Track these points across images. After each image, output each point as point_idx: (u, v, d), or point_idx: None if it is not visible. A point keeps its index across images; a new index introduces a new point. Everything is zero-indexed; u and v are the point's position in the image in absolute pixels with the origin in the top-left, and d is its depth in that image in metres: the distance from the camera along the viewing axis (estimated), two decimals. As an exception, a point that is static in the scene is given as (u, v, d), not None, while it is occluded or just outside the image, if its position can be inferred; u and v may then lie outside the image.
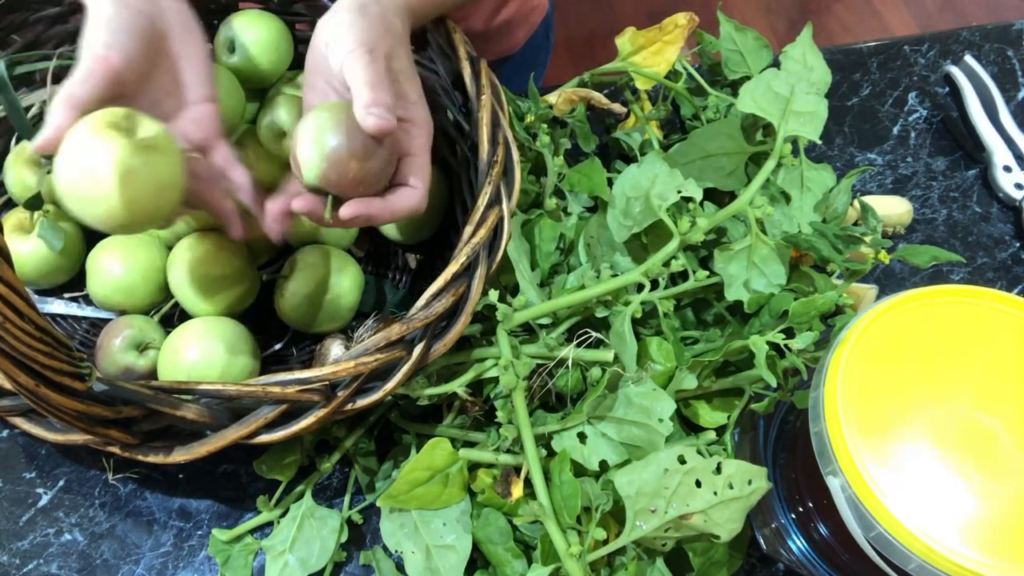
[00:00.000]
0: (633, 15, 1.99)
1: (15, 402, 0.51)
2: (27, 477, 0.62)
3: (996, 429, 0.43)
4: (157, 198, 0.48)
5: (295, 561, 0.57)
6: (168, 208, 0.49)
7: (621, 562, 0.51)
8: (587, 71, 0.73)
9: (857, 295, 0.66)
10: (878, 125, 0.80)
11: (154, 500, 0.62)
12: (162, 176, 0.48)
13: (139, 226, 0.49)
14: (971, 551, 0.40)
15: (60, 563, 0.59)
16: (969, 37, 0.85)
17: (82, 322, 0.68)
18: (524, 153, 0.67)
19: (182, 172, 0.50)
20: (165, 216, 0.50)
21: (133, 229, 0.50)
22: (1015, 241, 0.73)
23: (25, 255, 0.64)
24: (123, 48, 0.49)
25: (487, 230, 0.52)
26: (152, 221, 0.49)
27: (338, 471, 0.63)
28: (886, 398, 0.45)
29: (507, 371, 0.53)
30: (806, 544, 0.53)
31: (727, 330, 0.61)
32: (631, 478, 0.47)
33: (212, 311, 0.62)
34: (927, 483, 0.42)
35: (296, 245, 0.67)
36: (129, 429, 0.50)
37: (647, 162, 0.59)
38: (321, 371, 0.48)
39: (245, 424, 0.50)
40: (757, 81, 0.60)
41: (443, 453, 0.54)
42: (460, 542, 0.54)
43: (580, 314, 0.58)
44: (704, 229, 0.55)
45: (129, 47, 0.49)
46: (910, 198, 0.75)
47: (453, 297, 0.51)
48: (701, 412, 0.58)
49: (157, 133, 0.49)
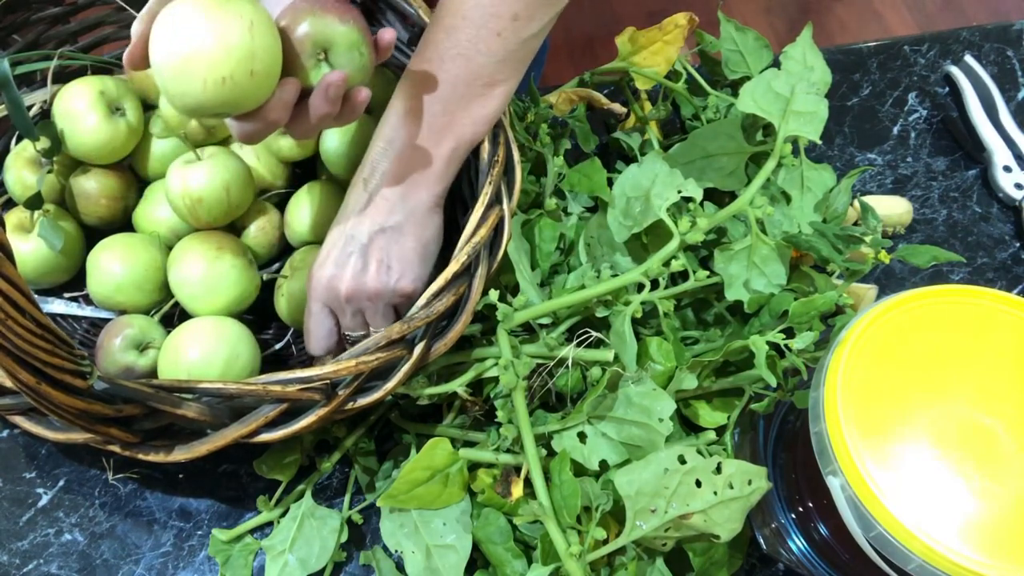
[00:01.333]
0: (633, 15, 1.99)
1: (16, 400, 0.51)
2: (27, 477, 0.62)
3: (996, 429, 0.43)
4: (255, 39, 0.46)
5: (295, 561, 0.57)
6: (269, 55, 0.47)
7: (621, 562, 0.51)
8: (587, 71, 0.73)
9: (857, 295, 0.66)
10: (878, 125, 0.80)
11: (154, 500, 0.62)
12: (252, 15, 0.46)
13: (245, 78, 0.46)
14: (971, 551, 0.40)
15: (60, 563, 0.59)
16: (969, 37, 0.85)
17: (82, 322, 0.68)
18: (524, 153, 0.67)
19: (274, 26, 0.48)
20: (270, 68, 0.47)
21: (240, 83, 0.46)
22: (1015, 241, 0.73)
23: (25, 254, 0.64)
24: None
25: (487, 230, 0.52)
26: (256, 72, 0.46)
27: (338, 471, 0.63)
28: (886, 398, 0.45)
29: (507, 371, 0.53)
30: (806, 544, 0.53)
31: (727, 330, 0.61)
32: (631, 478, 0.47)
33: (212, 311, 0.62)
34: (927, 483, 0.42)
35: (296, 245, 0.67)
36: (129, 428, 0.50)
37: (647, 162, 0.59)
38: (322, 370, 0.48)
39: (245, 423, 0.50)
40: (757, 81, 0.60)
41: (443, 453, 0.54)
42: (460, 542, 0.54)
43: (580, 314, 0.58)
44: (704, 229, 0.55)
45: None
46: (910, 198, 0.75)
47: (454, 296, 0.51)
48: (701, 412, 0.58)
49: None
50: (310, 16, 0.48)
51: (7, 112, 0.61)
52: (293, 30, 0.48)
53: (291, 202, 0.67)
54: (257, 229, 0.67)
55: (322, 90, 0.48)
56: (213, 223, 0.64)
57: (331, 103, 0.49)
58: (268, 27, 0.47)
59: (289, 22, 0.49)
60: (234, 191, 0.63)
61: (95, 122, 0.64)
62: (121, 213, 0.68)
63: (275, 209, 0.68)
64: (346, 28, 0.49)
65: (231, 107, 0.47)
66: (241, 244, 0.65)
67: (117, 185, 0.67)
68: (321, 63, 0.49)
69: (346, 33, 0.49)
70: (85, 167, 0.68)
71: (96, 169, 0.67)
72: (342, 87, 0.49)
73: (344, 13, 0.49)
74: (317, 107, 0.49)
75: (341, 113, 0.50)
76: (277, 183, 0.70)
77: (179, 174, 0.63)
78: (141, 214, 0.68)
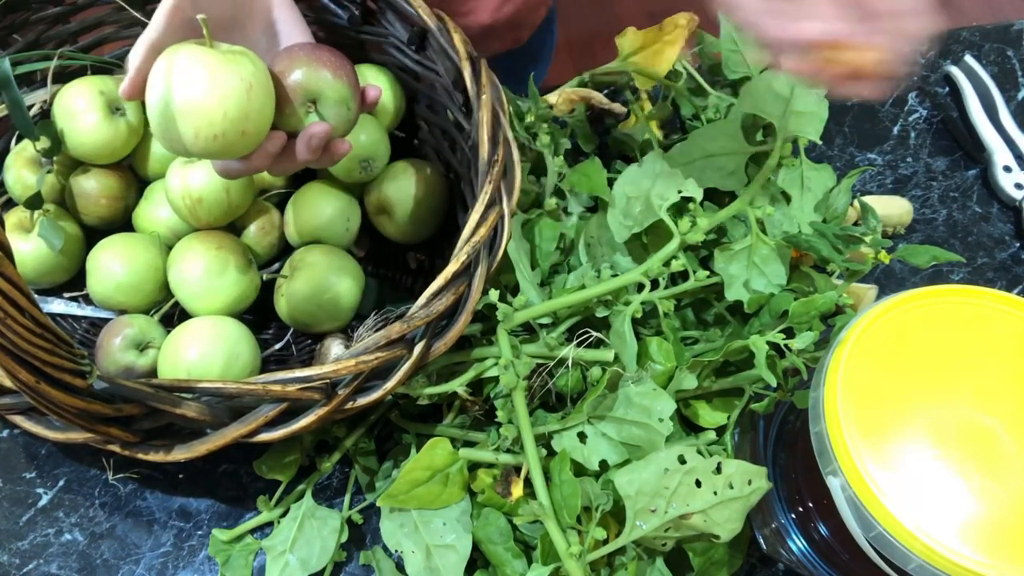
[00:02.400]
0: (633, 15, 1.99)
1: (15, 400, 0.51)
2: (27, 477, 0.62)
3: (996, 429, 0.43)
4: (251, 102, 0.47)
5: (295, 561, 0.56)
6: (262, 116, 0.48)
7: (621, 562, 0.51)
8: (587, 71, 0.73)
9: (857, 295, 0.66)
10: (878, 125, 0.80)
11: (154, 500, 0.62)
12: (252, 78, 0.47)
13: (236, 137, 0.47)
14: (971, 551, 0.40)
15: (60, 563, 0.59)
16: (969, 37, 0.85)
17: (82, 322, 0.68)
18: (524, 153, 0.67)
19: (270, 81, 0.49)
20: (261, 127, 0.48)
21: (231, 140, 0.47)
22: (1015, 241, 0.73)
23: (25, 254, 0.64)
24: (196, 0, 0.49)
25: (487, 229, 0.52)
26: (247, 133, 0.47)
27: (338, 471, 0.63)
28: (886, 398, 0.45)
29: (507, 371, 0.53)
30: (806, 544, 0.53)
31: (727, 330, 0.61)
32: (631, 478, 0.47)
33: (212, 311, 0.62)
34: (927, 483, 0.42)
35: (296, 245, 0.67)
36: (129, 427, 0.50)
37: (647, 162, 0.59)
38: (322, 369, 0.48)
39: (245, 422, 0.50)
40: (757, 81, 0.61)
41: (443, 453, 0.54)
42: (460, 542, 0.54)
43: (580, 314, 0.58)
44: (704, 229, 0.55)
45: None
46: (910, 198, 0.75)
47: (453, 296, 0.51)
48: (701, 412, 0.58)
49: (240, 48, 0.49)
50: (305, 66, 0.50)
51: (7, 112, 0.61)
52: (287, 76, 0.50)
53: (291, 202, 0.67)
54: (257, 229, 0.67)
55: (305, 139, 0.50)
56: (213, 223, 0.64)
57: (312, 152, 0.51)
58: (265, 88, 0.48)
59: (284, 68, 0.50)
60: (234, 191, 0.63)
61: (95, 122, 0.64)
62: (121, 213, 0.68)
63: (275, 209, 0.68)
64: (338, 83, 0.51)
65: (218, 157, 0.49)
66: (241, 244, 0.65)
67: (117, 185, 0.67)
68: (310, 112, 0.51)
69: (337, 88, 0.51)
70: (85, 167, 0.68)
71: (96, 169, 0.67)
72: (324, 139, 0.51)
73: (338, 68, 0.51)
74: (299, 152, 0.51)
75: (320, 159, 0.52)
76: (277, 183, 0.70)
77: (179, 174, 0.63)
78: (141, 214, 0.68)
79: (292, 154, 0.51)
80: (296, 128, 0.51)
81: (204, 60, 0.46)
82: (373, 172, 0.67)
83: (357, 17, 0.67)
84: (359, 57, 0.71)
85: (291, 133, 0.51)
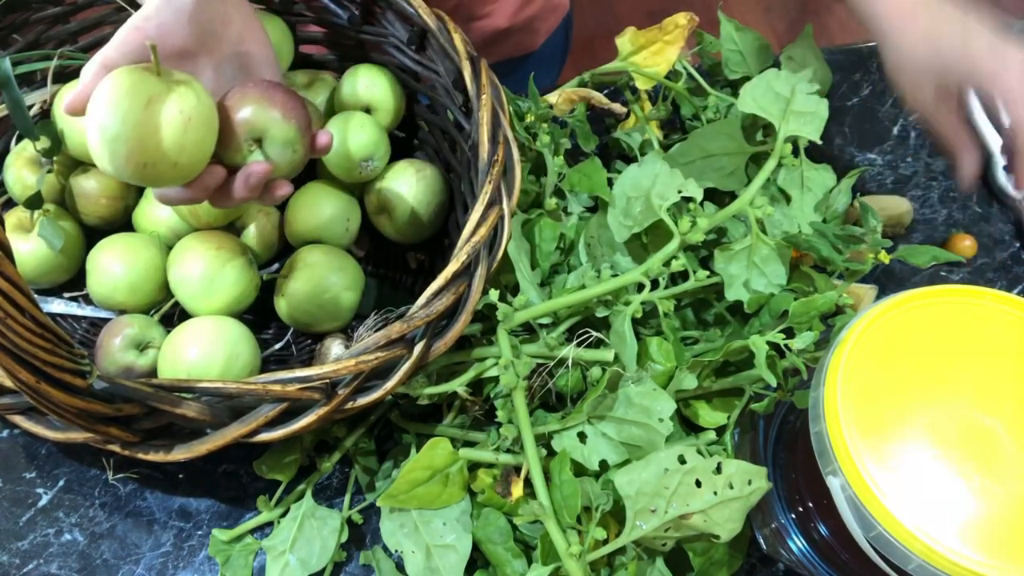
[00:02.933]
0: (633, 15, 1.99)
1: (15, 400, 0.51)
2: (27, 477, 0.62)
3: (996, 429, 0.43)
4: (187, 135, 0.46)
5: (295, 561, 0.56)
6: (199, 150, 0.47)
7: (621, 562, 0.51)
8: (587, 71, 0.73)
9: (857, 295, 0.66)
10: (878, 125, 0.80)
11: (154, 500, 0.62)
12: (193, 111, 0.46)
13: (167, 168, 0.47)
14: (971, 551, 0.40)
15: (60, 563, 0.59)
16: (969, 37, 0.85)
17: (82, 321, 0.68)
18: (524, 153, 0.67)
19: (214, 116, 0.48)
20: (196, 160, 0.48)
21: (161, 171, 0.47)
22: (1015, 241, 0.73)
23: (25, 254, 0.64)
24: (161, 23, 0.49)
25: (487, 229, 0.52)
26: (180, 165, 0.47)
27: (338, 471, 0.63)
28: (886, 398, 0.45)
29: (507, 371, 0.53)
30: (806, 544, 0.53)
31: (727, 330, 0.61)
32: (631, 478, 0.47)
33: (212, 311, 0.62)
34: (927, 483, 0.42)
35: (296, 245, 0.67)
36: (129, 427, 0.50)
37: (647, 162, 0.59)
38: (322, 369, 0.48)
39: (245, 422, 0.50)
40: (757, 81, 0.60)
41: (443, 453, 0.54)
42: (460, 542, 0.54)
43: (580, 314, 0.58)
44: (704, 229, 0.55)
45: (168, 21, 0.49)
46: (910, 198, 0.75)
47: (453, 296, 0.51)
48: (701, 412, 0.58)
49: (188, 78, 0.48)
50: (255, 104, 0.49)
51: (7, 112, 0.61)
52: (235, 112, 0.49)
53: (291, 202, 0.67)
54: (257, 229, 0.67)
55: (243, 177, 0.50)
56: (213, 223, 0.65)
57: (250, 190, 0.50)
58: (206, 122, 0.47)
59: (234, 104, 0.50)
60: (234, 191, 0.63)
61: (95, 122, 0.64)
62: (121, 213, 0.68)
63: (275, 209, 0.68)
64: (287, 124, 0.50)
65: (149, 184, 0.49)
66: (241, 244, 0.65)
67: (117, 185, 0.67)
68: (252, 150, 0.50)
69: (285, 129, 0.50)
70: (85, 167, 0.68)
71: (96, 169, 0.67)
72: (263, 179, 0.50)
73: (289, 110, 0.50)
74: (236, 190, 0.50)
75: (260, 198, 0.52)
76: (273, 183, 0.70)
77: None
78: (141, 214, 0.68)
79: (230, 190, 0.50)
80: (238, 164, 0.50)
81: (144, 87, 0.45)
82: (373, 172, 0.67)
83: (357, 17, 0.67)
84: (359, 57, 0.71)
85: (233, 168, 0.50)
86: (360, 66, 0.69)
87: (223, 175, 0.50)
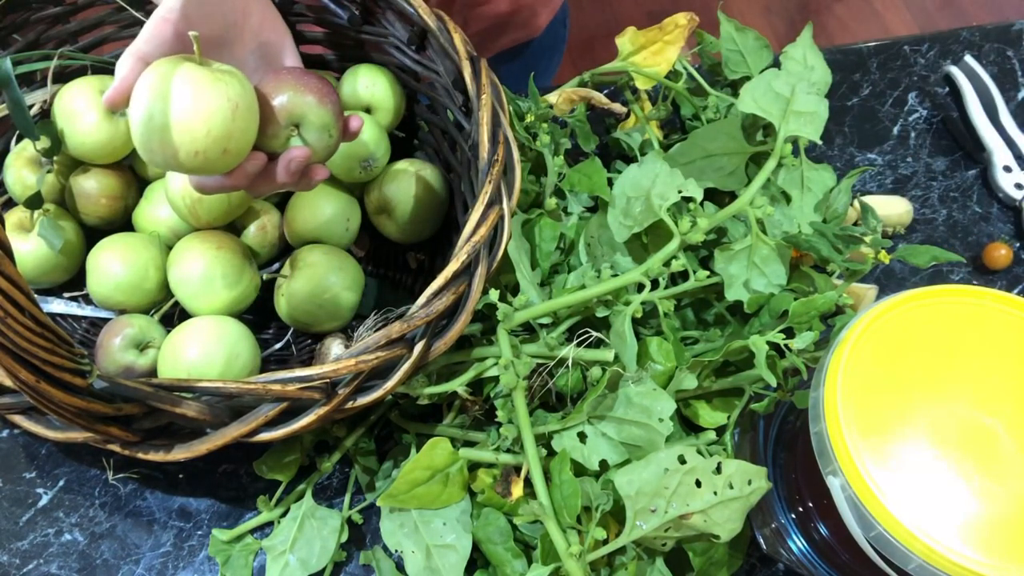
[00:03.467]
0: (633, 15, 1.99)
1: (15, 399, 0.51)
2: (27, 477, 0.62)
3: (996, 429, 0.43)
4: (235, 122, 0.47)
5: (295, 561, 0.57)
6: (245, 137, 0.48)
7: (621, 562, 0.51)
8: (587, 71, 0.73)
9: (857, 295, 0.66)
10: (878, 125, 0.80)
11: (154, 500, 0.62)
12: (239, 98, 0.47)
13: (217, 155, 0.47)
14: (971, 551, 0.40)
15: (60, 563, 0.59)
16: (969, 37, 0.85)
17: (82, 321, 0.68)
18: (524, 153, 0.67)
19: (255, 103, 0.49)
20: (243, 147, 0.48)
21: (211, 158, 0.47)
22: (1015, 241, 0.73)
23: (25, 254, 0.64)
24: (187, 14, 0.49)
25: (487, 229, 0.52)
26: (229, 152, 0.47)
27: (338, 471, 0.63)
28: (886, 398, 0.45)
29: (507, 370, 0.53)
30: (806, 544, 0.53)
31: (727, 330, 0.61)
32: (631, 478, 0.47)
33: (212, 310, 0.62)
34: (927, 483, 0.42)
35: (296, 245, 0.67)
36: (129, 427, 0.50)
37: (647, 162, 0.59)
38: (322, 369, 0.48)
39: (245, 422, 0.50)
40: (757, 81, 0.60)
41: (443, 453, 0.54)
42: (460, 542, 0.54)
43: (580, 314, 0.58)
44: (704, 229, 0.55)
45: (193, 13, 0.49)
46: (910, 198, 0.75)
47: (454, 295, 0.51)
48: (701, 412, 0.58)
49: (229, 68, 0.48)
50: (292, 90, 0.50)
51: (8, 112, 0.61)
52: (273, 99, 0.50)
53: (291, 202, 0.67)
54: (257, 229, 0.67)
55: (285, 162, 0.50)
56: (213, 223, 0.64)
57: (291, 175, 0.51)
58: (250, 109, 0.48)
59: (271, 91, 0.50)
60: (234, 191, 0.63)
61: (95, 122, 0.64)
62: (121, 213, 0.68)
63: (275, 209, 0.68)
64: (322, 110, 0.51)
65: (197, 174, 0.49)
66: (241, 244, 0.65)
67: (117, 185, 0.67)
68: (292, 135, 0.51)
69: (321, 114, 0.51)
70: (85, 167, 0.68)
71: (96, 169, 0.67)
72: (303, 163, 0.50)
73: (324, 96, 0.51)
74: (278, 175, 0.51)
75: (298, 183, 0.52)
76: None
77: (179, 174, 0.63)
78: (141, 214, 0.68)
79: (271, 176, 0.51)
80: (277, 150, 0.51)
81: (192, 77, 0.46)
82: (373, 172, 0.67)
83: (357, 17, 0.67)
84: (359, 57, 0.71)
85: (271, 155, 0.51)
86: (360, 66, 0.69)
87: (264, 161, 0.50)
